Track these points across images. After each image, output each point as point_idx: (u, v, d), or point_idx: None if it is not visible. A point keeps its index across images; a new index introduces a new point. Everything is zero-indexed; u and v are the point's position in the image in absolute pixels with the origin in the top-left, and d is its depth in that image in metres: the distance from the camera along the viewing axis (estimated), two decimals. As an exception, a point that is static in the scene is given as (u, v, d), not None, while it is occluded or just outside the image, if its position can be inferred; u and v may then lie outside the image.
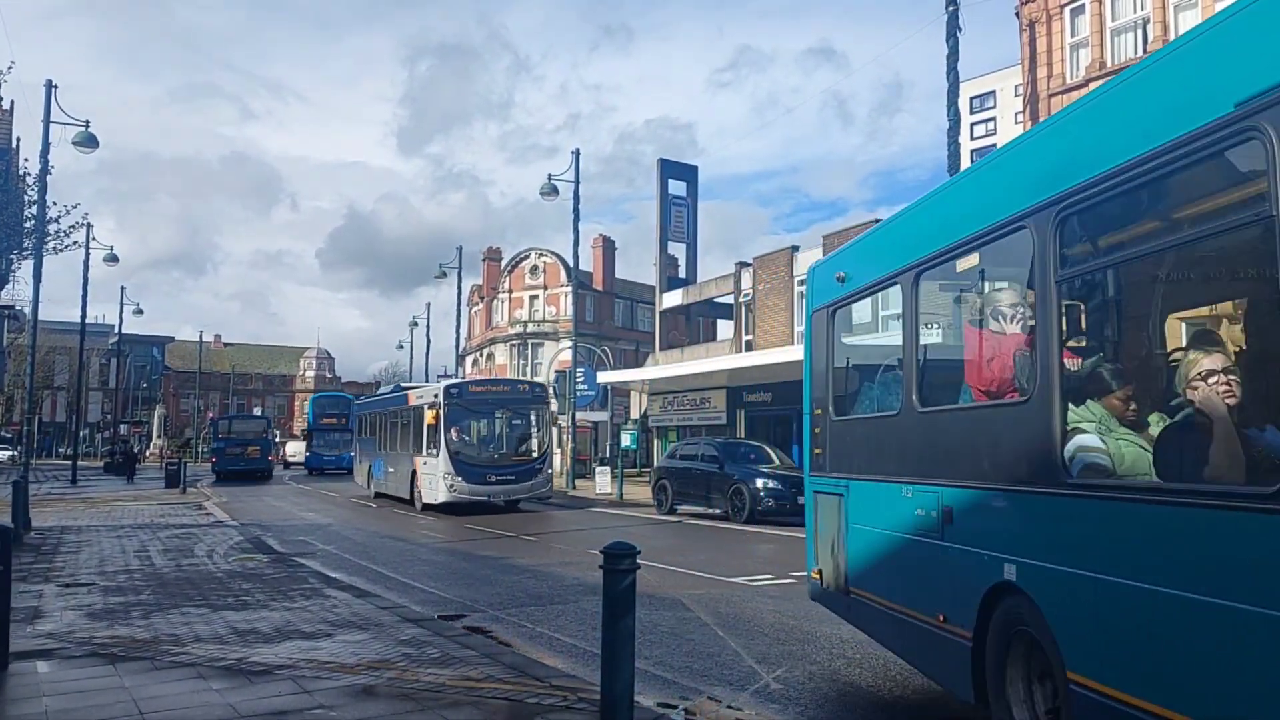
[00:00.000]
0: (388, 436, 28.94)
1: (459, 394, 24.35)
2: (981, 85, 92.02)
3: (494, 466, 23.74)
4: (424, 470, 24.46)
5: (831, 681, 7.15)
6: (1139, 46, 19.32)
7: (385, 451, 29.25)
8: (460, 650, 7.60)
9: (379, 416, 30.84)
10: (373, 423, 31.79)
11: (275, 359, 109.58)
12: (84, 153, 23.82)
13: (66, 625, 8.56)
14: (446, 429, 23.29)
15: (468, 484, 22.88)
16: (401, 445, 27.04)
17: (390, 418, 28.84)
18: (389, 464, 28.62)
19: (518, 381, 28.55)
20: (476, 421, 24.65)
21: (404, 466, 26.51)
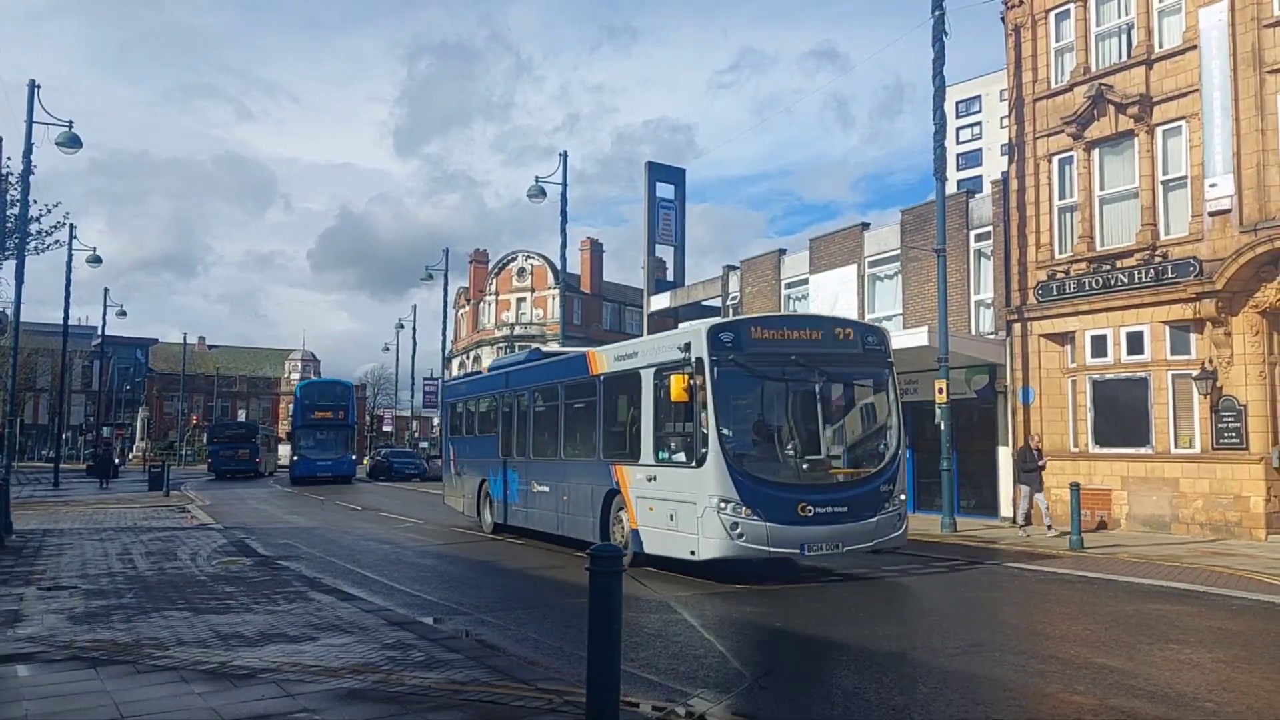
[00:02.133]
0: (530, 431, 17.69)
1: (739, 341, 12.32)
2: (967, 90, 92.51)
3: (813, 489, 12.11)
4: (645, 493, 13.16)
5: (816, 682, 7.15)
6: (1124, 51, 19.43)
7: (521, 456, 17.92)
8: (445, 653, 7.56)
9: (506, 401, 19.01)
10: (488, 412, 20.27)
11: (260, 361, 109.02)
12: (67, 153, 23.65)
13: (48, 628, 8.48)
14: (718, 410, 11.88)
15: (768, 522, 11.61)
16: (572, 445, 15.97)
17: (539, 400, 17.49)
18: (533, 478, 17.17)
19: (837, 322, 13.84)
20: (774, 399, 12.84)
21: (580, 484, 15.21)
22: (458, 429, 22.32)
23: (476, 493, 19.94)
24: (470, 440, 21.32)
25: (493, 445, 19.20)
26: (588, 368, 15.35)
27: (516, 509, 17.82)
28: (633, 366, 13.68)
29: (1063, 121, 20.08)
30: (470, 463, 20.90)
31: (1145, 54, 18.83)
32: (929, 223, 21.53)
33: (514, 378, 18.68)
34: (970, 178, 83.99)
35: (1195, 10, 18.08)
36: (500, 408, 19.09)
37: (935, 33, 19.29)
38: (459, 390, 23.36)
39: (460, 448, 22.02)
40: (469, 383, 23.56)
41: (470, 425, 21.31)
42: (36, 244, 22.17)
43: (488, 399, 20.25)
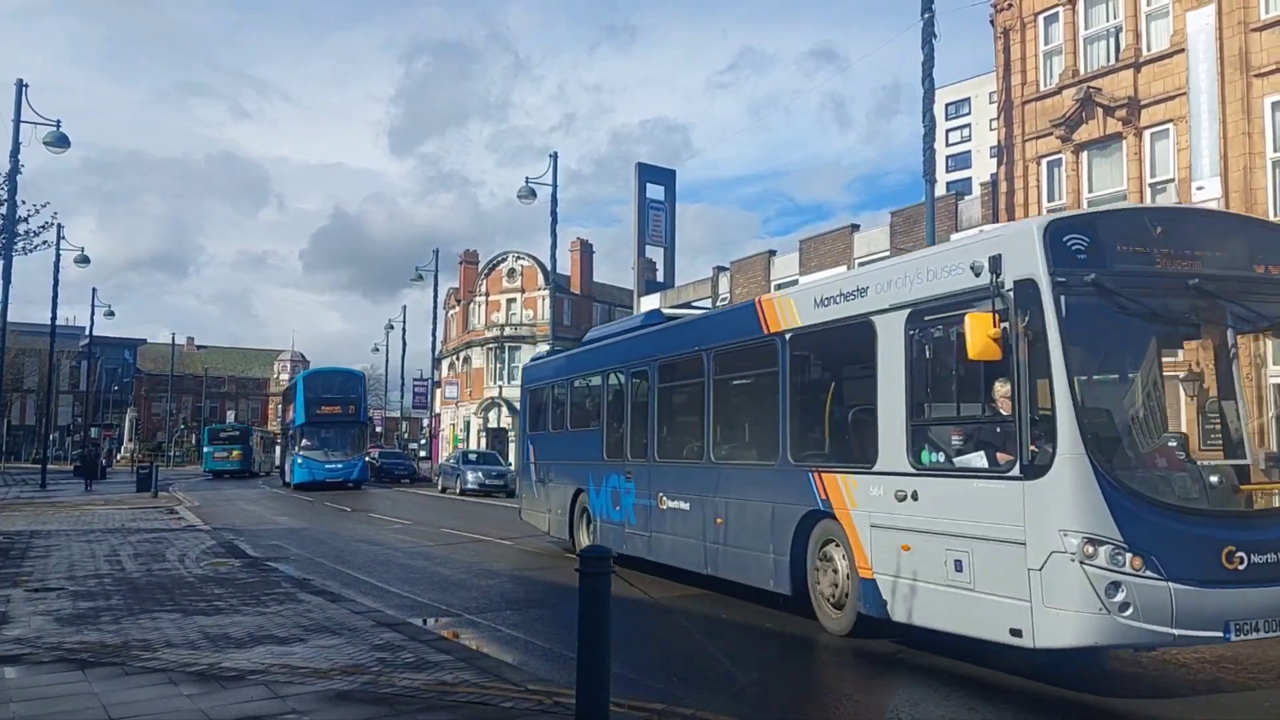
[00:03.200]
0: (656, 423, 12.63)
1: (1101, 251, 6.91)
2: (957, 92, 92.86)
3: (1244, 521, 6.94)
4: (894, 519, 7.99)
5: (807, 683, 7.16)
6: (1112, 54, 19.53)
7: (640, 459, 12.84)
8: (435, 654, 7.55)
9: (616, 381, 14.10)
10: (588, 398, 15.44)
11: (249, 362, 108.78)
12: (56, 152, 23.53)
13: (35, 630, 8.43)
14: (1071, 375, 6.61)
15: (1173, 582, 6.38)
16: (733, 441, 11.26)
17: (671, 378, 12.57)
18: (661, 490, 12.14)
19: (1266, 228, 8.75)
20: (1155, 359, 7.99)
21: (750, 501, 10.30)
22: (541, 422, 17.06)
23: (569, 508, 14.85)
24: (560, 438, 16.05)
25: (594, 443, 14.19)
26: (760, 323, 10.07)
27: (634, 534, 12.63)
28: (858, 312, 8.57)
29: (1051, 124, 20.18)
30: (560, 467, 15.67)
31: (1133, 57, 18.94)
32: (918, 224, 21.59)
33: (628, 349, 13.58)
34: (960, 180, 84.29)
35: (1183, 14, 18.20)
36: (606, 392, 14.24)
37: (925, 35, 19.35)
38: (543, 372, 17.57)
39: (544, 447, 16.78)
40: (558, 361, 17.32)
41: (560, 417, 16.19)
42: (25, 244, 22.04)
43: (587, 381, 15.25)
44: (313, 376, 40.39)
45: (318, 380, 39.84)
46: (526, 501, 17.58)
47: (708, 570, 10.84)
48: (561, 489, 15.41)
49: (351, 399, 38.76)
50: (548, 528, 16.10)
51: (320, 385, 39.00)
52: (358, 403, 39.00)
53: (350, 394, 38.96)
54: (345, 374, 42.11)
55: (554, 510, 15.73)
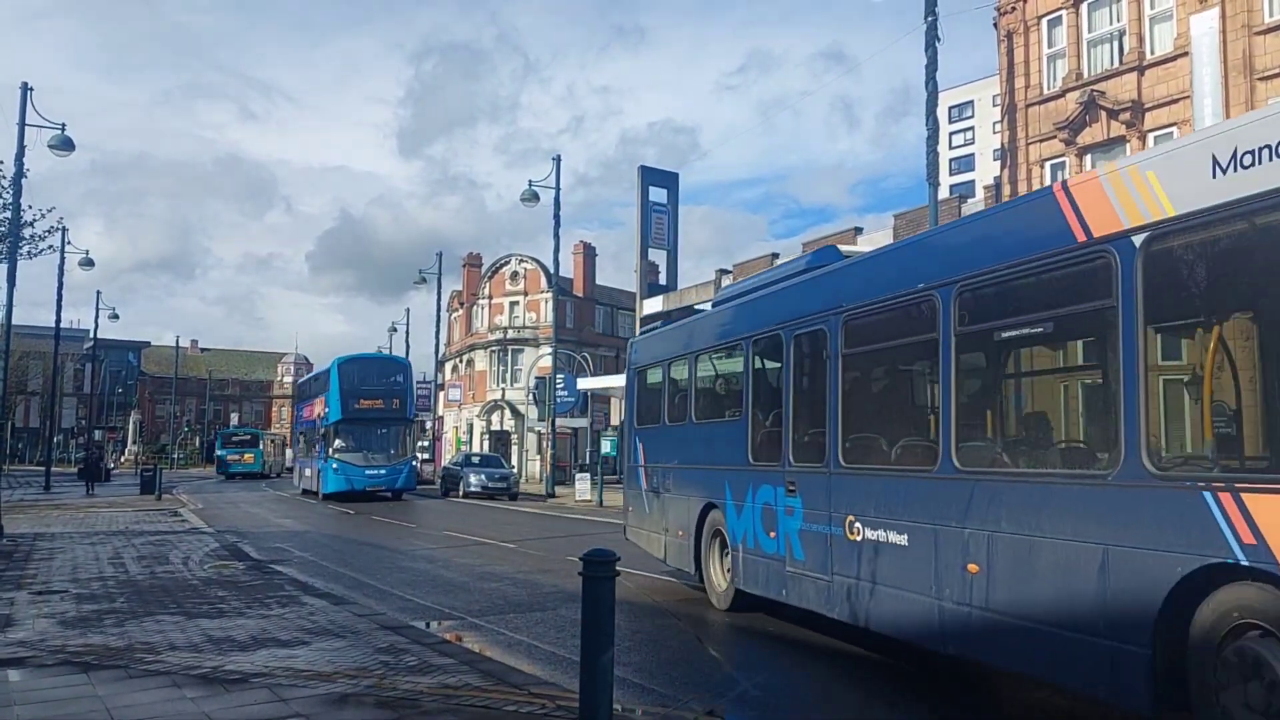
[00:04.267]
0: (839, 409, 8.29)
1: None
2: (960, 95, 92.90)
3: None
4: None
5: (810, 687, 7.16)
6: (1115, 58, 19.53)
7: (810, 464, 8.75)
8: (438, 658, 7.55)
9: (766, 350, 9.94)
10: (721, 378, 11.32)
11: (253, 364, 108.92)
12: (60, 155, 23.60)
13: (39, 633, 8.44)
14: None
15: None
16: (994, 435, 7.02)
17: (862, 339, 8.31)
18: (856, 513, 7.88)
19: None
20: None
21: (1047, 537, 5.88)
22: (653, 412, 12.85)
23: (694, 529, 10.99)
24: (681, 433, 11.76)
25: (733, 440, 10.12)
26: (1068, 223, 5.95)
27: (802, 575, 8.68)
28: None
29: (1055, 127, 20.17)
30: (681, 474, 11.72)
31: (1137, 60, 18.93)
32: (921, 227, 21.58)
33: (790, 303, 9.40)
34: (963, 183, 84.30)
35: (1186, 17, 18.18)
36: (754, 367, 10.03)
37: (928, 39, 19.36)
38: (657, 346, 13.03)
39: (658, 445, 12.56)
40: (679, 330, 12.59)
41: (680, 405, 11.93)
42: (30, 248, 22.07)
43: (722, 354, 11.04)
44: (349, 364, 33.26)
45: (355, 369, 33.23)
46: (633, 517, 13.43)
47: (952, 648, 6.70)
48: (683, 503, 11.35)
49: (395, 391, 32.80)
50: (663, 554, 12.07)
51: (358, 375, 32.78)
52: (403, 396, 33.03)
53: (394, 385, 33.01)
54: (387, 361, 36.83)
55: (672, 531, 11.73)
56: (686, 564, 11.32)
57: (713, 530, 10.70)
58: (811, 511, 8.50)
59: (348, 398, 31.87)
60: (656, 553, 12.44)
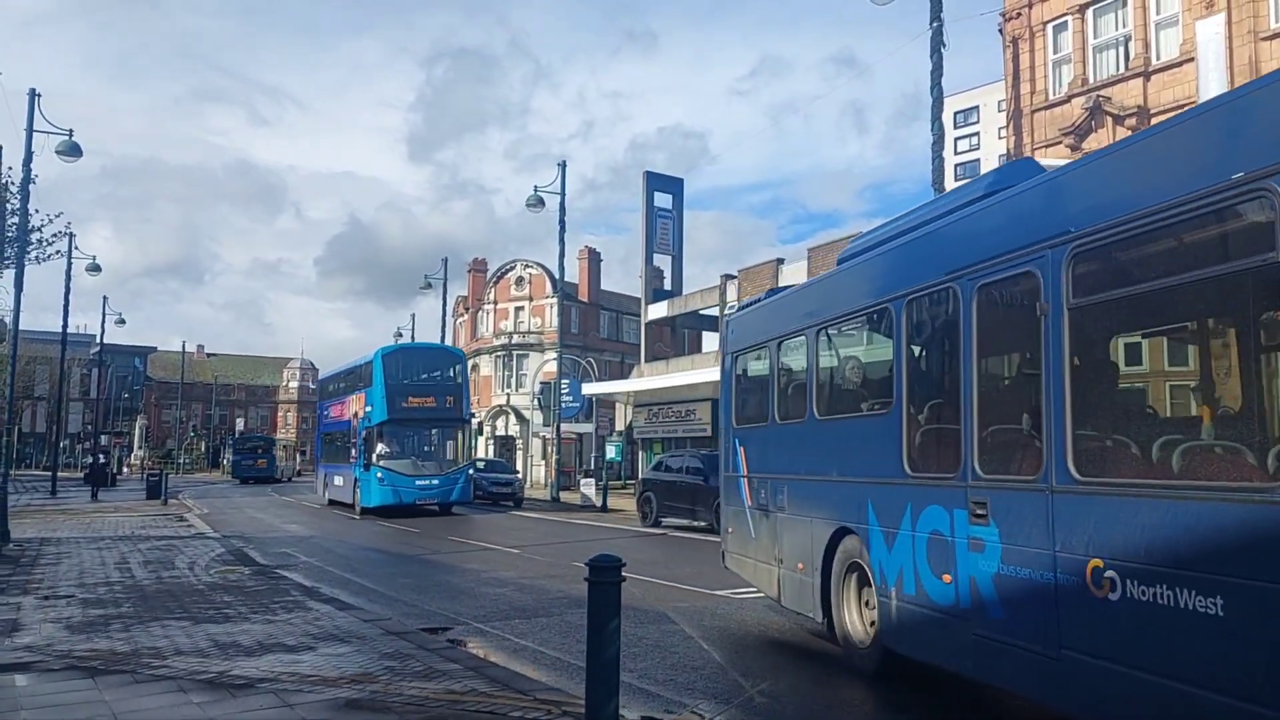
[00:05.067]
0: (1065, 394, 5.29)
1: None
2: (965, 100, 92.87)
3: None
4: None
5: (816, 694, 7.14)
6: (1121, 63, 19.51)
7: (1015, 480, 5.77)
8: (444, 663, 7.55)
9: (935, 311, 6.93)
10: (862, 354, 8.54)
11: (259, 370, 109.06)
12: (68, 161, 23.69)
13: (45, 638, 8.46)
14: None
15: None
16: None
17: (1154, 270, 4.99)
18: (1114, 553, 4.86)
19: None
20: None
21: None
22: (758, 407, 10.25)
23: (820, 563, 8.39)
24: (797, 434, 9.11)
25: (881, 442, 7.42)
26: None
27: (1004, 643, 5.84)
28: None
29: (1060, 133, 20.16)
30: (801, 488, 8.96)
31: (1143, 66, 18.92)
32: (927, 233, 21.57)
33: (964, 239, 6.60)
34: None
35: (1193, 23, 18.17)
36: (907, 340, 7.31)
37: (934, 44, 19.35)
38: (761, 322, 10.33)
39: (766, 449, 9.94)
40: (793, 300, 9.82)
41: (796, 396, 9.25)
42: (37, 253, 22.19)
43: (858, 323, 8.46)
44: (396, 355, 28.72)
45: (403, 360, 28.64)
46: (733, 540, 10.75)
47: None
48: (802, 527, 8.70)
49: (449, 386, 28.30)
50: (776, 591, 9.39)
51: (406, 367, 28.26)
52: (457, 392, 28.34)
53: (447, 379, 28.62)
54: (439, 352, 32.24)
55: (788, 563, 9.09)
56: (809, 606, 8.55)
57: (846, 563, 7.96)
58: (1018, 549, 5.64)
59: (394, 395, 26.94)
60: (767, 589, 9.73)
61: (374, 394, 27.41)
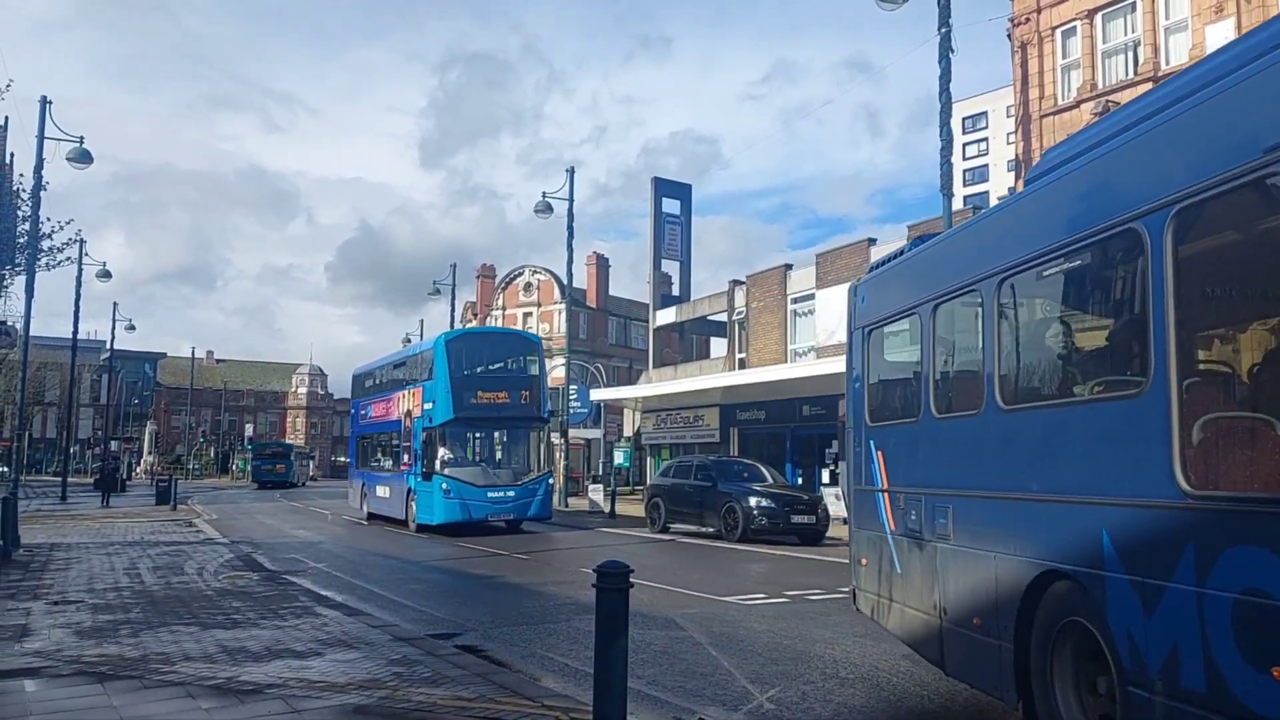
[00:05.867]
0: None
1: None
2: (974, 106, 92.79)
3: None
4: None
5: (825, 702, 7.11)
6: (1129, 68, 19.47)
7: None
8: (452, 669, 7.55)
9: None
10: (1094, 301, 5.58)
11: (267, 375, 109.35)
12: (79, 168, 23.80)
13: (55, 643, 8.48)
14: None
15: None
16: None
17: None
18: None
19: None
20: None
21: None
22: (903, 399, 7.89)
23: (1013, 620, 5.61)
24: (966, 432, 6.48)
25: (1120, 442, 4.70)
26: None
27: None
28: None
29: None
30: (976, 510, 6.24)
31: (1152, 71, 18.87)
32: (936, 239, 21.53)
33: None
34: (977, 194, 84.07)
35: (1202, 27, 18.12)
36: (1173, 275, 4.34)
37: (942, 50, 19.34)
38: (900, 286, 7.93)
39: (914, 455, 7.40)
40: (944, 250, 7.36)
41: (961, 382, 6.94)
42: (47, 260, 22.27)
43: (1067, 262, 5.49)
44: (462, 342, 24.58)
45: (470, 348, 24.58)
46: (868, 575, 8.19)
47: None
48: (983, 565, 6.11)
49: (524, 381, 24.01)
50: (937, 651, 6.81)
51: (474, 356, 24.31)
52: (534, 387, 23.91)
53: (522, 371, 24.35)
54: (514, 338, 27.81)
55: (956, 614, 6.48)
56: (990, 680, 6.02)
57: (1059, 622, 5.31)
58: None
59: (461, 389, 22.72)
60: (923, 648, 7.07)
61: (435, 388, 23.01)
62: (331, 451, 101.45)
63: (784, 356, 30.74)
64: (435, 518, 22.27)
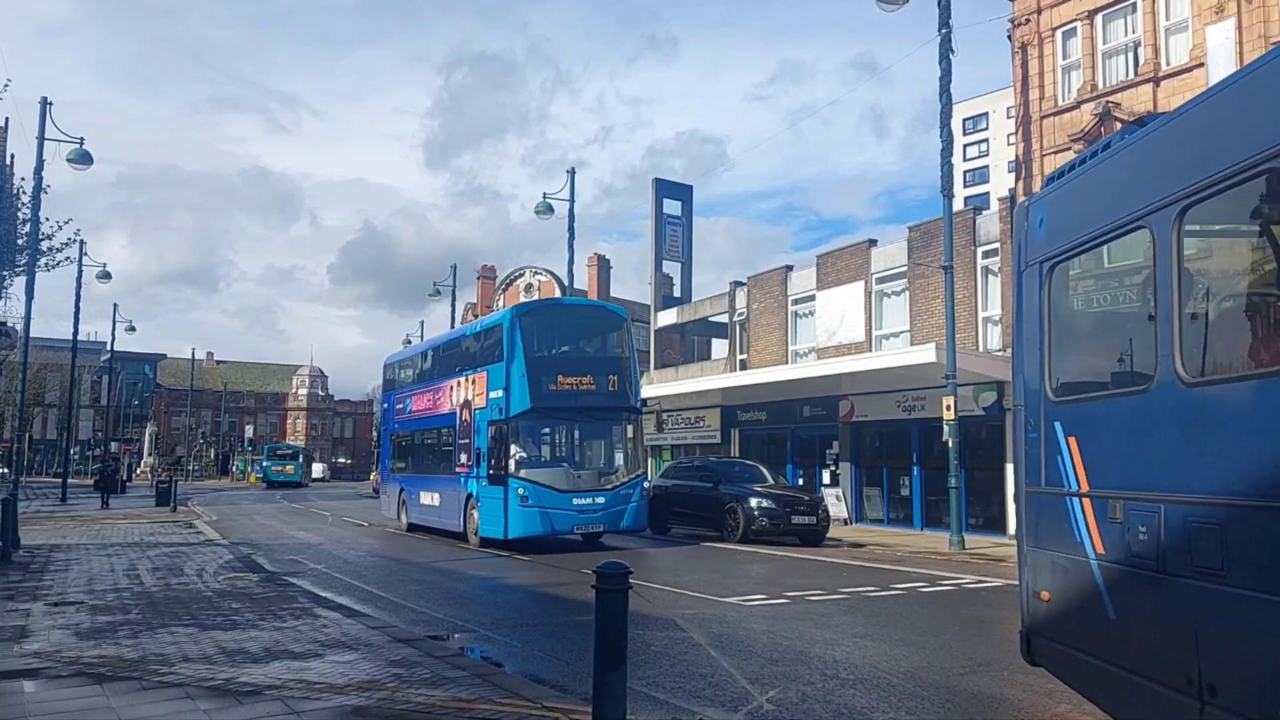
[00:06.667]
0: None
1: None
2: (975, 107, 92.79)
3: None
4: None
5: (825, 703, 7.10)
6: (1131, 69, 19.46)
7: None
8: (451, 670, 7.53)
9: None
10: None
11: (268, 377, 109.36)
12: (79, 169, 23.80)
13: (54, 644, 8.47)
14: None
15: None
16: None
17: None
18: None
19: None
20: None
21: None
22: (1113, 362, 5.58)
23: None
24: (1246, 406, 3.98)
25: None
26: None
27: None
28: None
29: (1070, 139, 20.09)
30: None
31: (1152, 72, 18.85)
32: (936, 239, 21.54)
33: None
34: (978, 194, 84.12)
35: (1203, 28, 18.11)
36: None
37: (942, 51, 19.34)
38: (1111, 184, 5.31)
39: (1144, 447, 4.76)
40: (1211, 107, 4.47)
41: (1227, 323, 4.54)
42: (47, 261, 22.29)
43: None
44: (538, 316, 20.85)
45: (549, 322, 20.77)
46: (1059, 618, 5.76)
47: None
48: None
49: (612, 364, 20.03)
50: None
51: (553, 332, 20.56)
52: (623, 371, 20.00)
53: (610, 352, 20.41)
54: (596, 312, 22.92)
55: (1225, 698, 4.07)
56: None
57: None
58: None
59: (538, 373, 18.88)
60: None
61: (506, 373, 19.04)
62: (331, 453, 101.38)
63: (785, 358, 30.73)
64: (513, 529, 18.24)
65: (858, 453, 26.19)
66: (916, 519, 23.71)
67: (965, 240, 22.35)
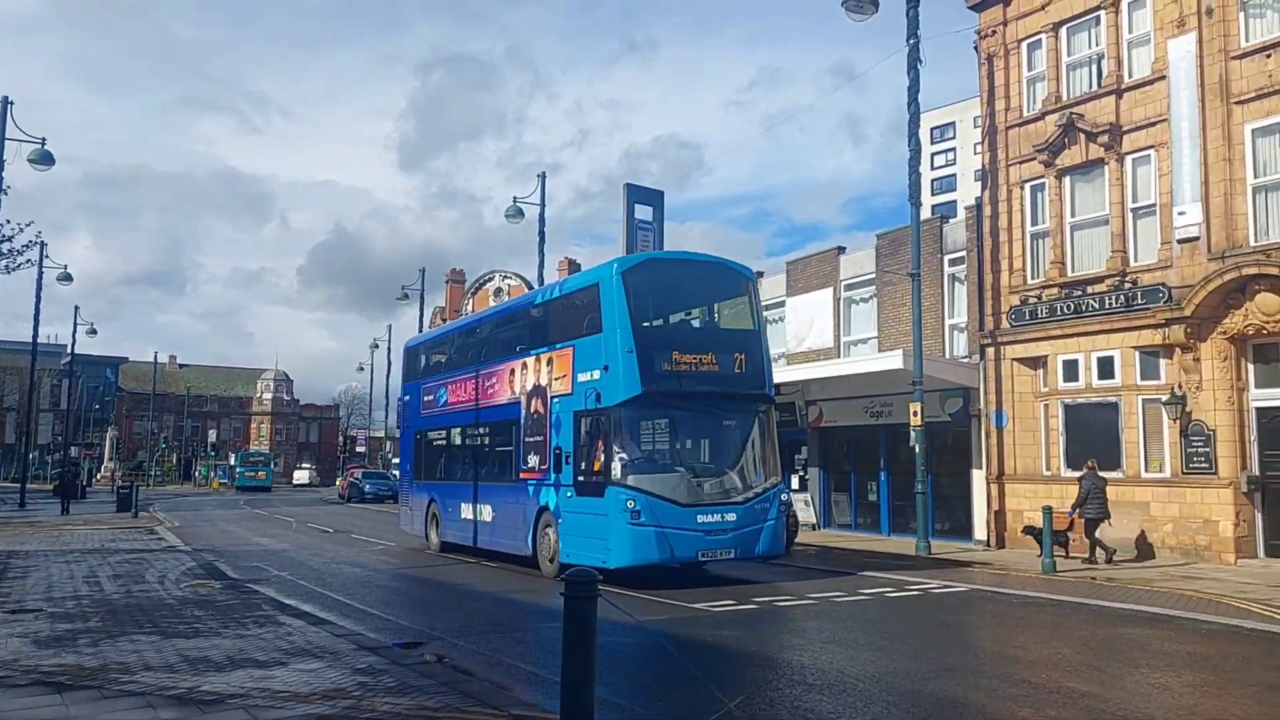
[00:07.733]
0: None
1: None
2: (942, 116, 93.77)
3: None
4: None
5: (793, 708, 7.12)
6: (1094, 81, 19.75)
7: None
8: (418, 679, 7.48)
9: None
10: None
11: (232, 381, 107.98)
12: (40, 170, 23.42)
13: (12, 653, 8.31)
14: None
15: None
16: None
17: None
18: None
19: None
20: None
21: None
22: None
23: None
24: None
25: None
26: None
27: None
28: None
29: (1034, 149, 20.34)
30: None
31: (1115, 84, 19.13)
32: (904, 247, 21.72)
33: None
34: (945, 203, 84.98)
35: (1164, 41, 18.40)
36: None
37: (910, 60, 19.53)
38: None
39: None
40: None
41: None
42: (7, 263, 21.94)
43: None
44: (648, 271, 15.65)
45: (661, 281, 15.85)
46: None
47: None
48: None
49: (738, 339, 15.69)
50: None
51: (667, 296, 16.06)
52: (752, 349, 15.48)
53: (736, 323, 16.27)
54: (718, 270, 16.33)
55: None
56: None
57: None
58: None
59: (649, 348, 14.42)
60: None
61: (605, 347, 14.58)
62: (297, 458, 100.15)
63: (753, 364, 30.80)
64: (624, 556, 13.60)
65: (826, 458, 26.31)
66: (884, 524, 23.84)
67: (932, 248, 22.55)
